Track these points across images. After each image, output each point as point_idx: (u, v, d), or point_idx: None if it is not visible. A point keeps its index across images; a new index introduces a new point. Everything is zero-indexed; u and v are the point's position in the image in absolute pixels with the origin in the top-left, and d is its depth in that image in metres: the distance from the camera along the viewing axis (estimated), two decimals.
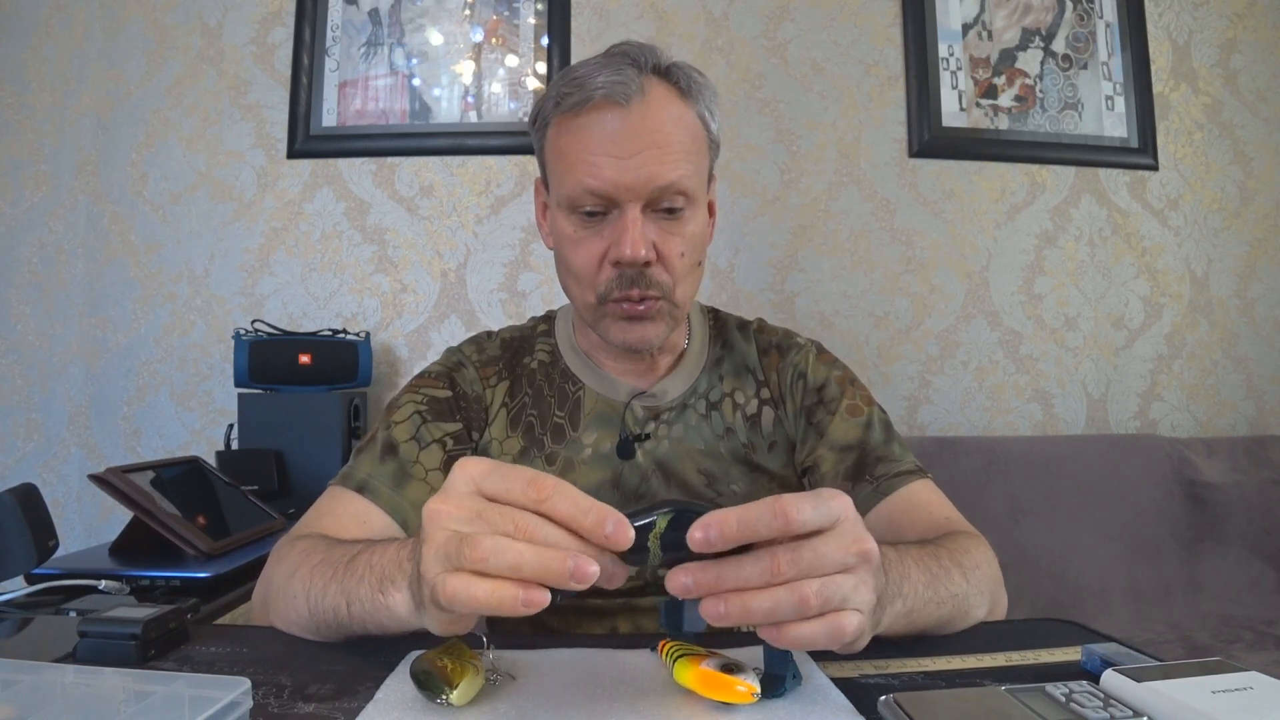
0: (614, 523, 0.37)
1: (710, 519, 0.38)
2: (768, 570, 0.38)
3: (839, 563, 0.39)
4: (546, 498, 0.37)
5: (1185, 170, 1.85)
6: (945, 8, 1.81)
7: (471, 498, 0.39)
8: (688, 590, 0.38)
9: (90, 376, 1.75)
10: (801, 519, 0.38)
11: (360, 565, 0.49)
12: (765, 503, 0.39)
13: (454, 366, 0.80)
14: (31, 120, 1.77)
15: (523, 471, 0.38)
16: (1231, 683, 0.40)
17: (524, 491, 0.38)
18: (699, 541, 0.38)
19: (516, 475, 0.38)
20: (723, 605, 0.38)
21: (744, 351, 0.83)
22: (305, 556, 0.56)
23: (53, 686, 0.39)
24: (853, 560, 0.40)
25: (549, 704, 0.43)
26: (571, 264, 0.72)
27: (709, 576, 0.38)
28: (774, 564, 0.38)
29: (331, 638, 0.54)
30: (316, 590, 0.52)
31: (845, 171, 1.80)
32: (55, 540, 0.85)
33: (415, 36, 1.79)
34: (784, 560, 0.38)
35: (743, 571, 0.38)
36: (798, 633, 0.39)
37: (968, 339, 1.79)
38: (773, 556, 0.38)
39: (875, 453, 0.75)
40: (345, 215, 1.77)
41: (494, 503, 0.38)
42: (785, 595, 0.38)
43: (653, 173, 0.66)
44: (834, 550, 0.39)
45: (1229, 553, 1.57)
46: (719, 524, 0.38)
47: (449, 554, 0.37)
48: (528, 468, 0.39)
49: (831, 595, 0.39)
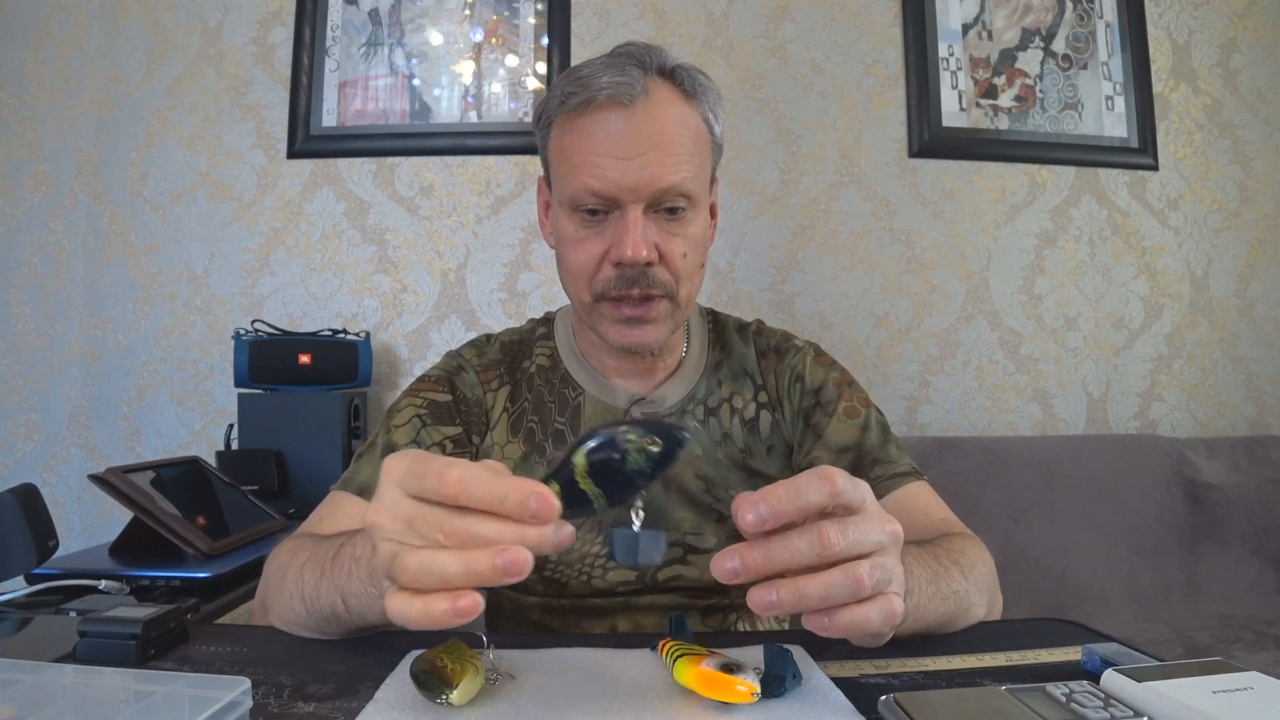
0: (535, 498, 0.35)
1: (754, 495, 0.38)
2: (817, 542, 0.37)
3: (877, 541, 0.39)
4: (458, 492, 0.36)
5: (1185, 170, 1.85)
6: (945, 8, 1.81)
7: (400, 503, 0.38)
8: (735, 574, 0.38)
9: (90, 376, 1.75)
10: (843, 489, 0.38)
11: (345, 559, 0.49)
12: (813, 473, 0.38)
13: (454, 370, 0.79)
14: (31, 120, 1.77)
15: (433, 467, 0.37)
16: (1232, 683, 0.40)
17: (438, 490, 0.36)
18: (751, 523, 0.37)
19: (429, 472, 0.37)
20: (774, 593, 0.37)
21: (743, 354, 0.83)
22: (293, 555, 0.57)
23: (53, 686, 0.39)
24: (888, 540, 0.40)
25: (549, 704, 0.43)
26: (572, 263, 0.72)
27: (757, 555, 0.38)
28: (822, 536, 0.37)
29: (331, 634, 0.54)
30: (309, 588, 0.52)
31: (845, 171, 1.80)
32: (55, 540, 0.85)
33: (415, 36, 1.79)
34: (832, 532, 0.37)
35: (791, 545, 0.37)
36: (854, 615, 0.38)
37: (968, 339, 1.79)
38: (820, 530, 0.38)
39: (872, 454, 0.75)
40: (345, 215, 1.77)
41: (423, 504, 0.37)
42: (840, 578, 0.37)
43: (655, 174, 0.66)
44: (872, 527, 0.39)
45: (1229, 553, 1.57)
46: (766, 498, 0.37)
47: (388, 571, 0.37)
48: (439, 458, 0.38)
49: (880, 575, 0.39)
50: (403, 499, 0.38)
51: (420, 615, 0.36)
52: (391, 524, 0.37)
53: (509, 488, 0.36)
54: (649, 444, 0.38)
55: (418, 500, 0.37)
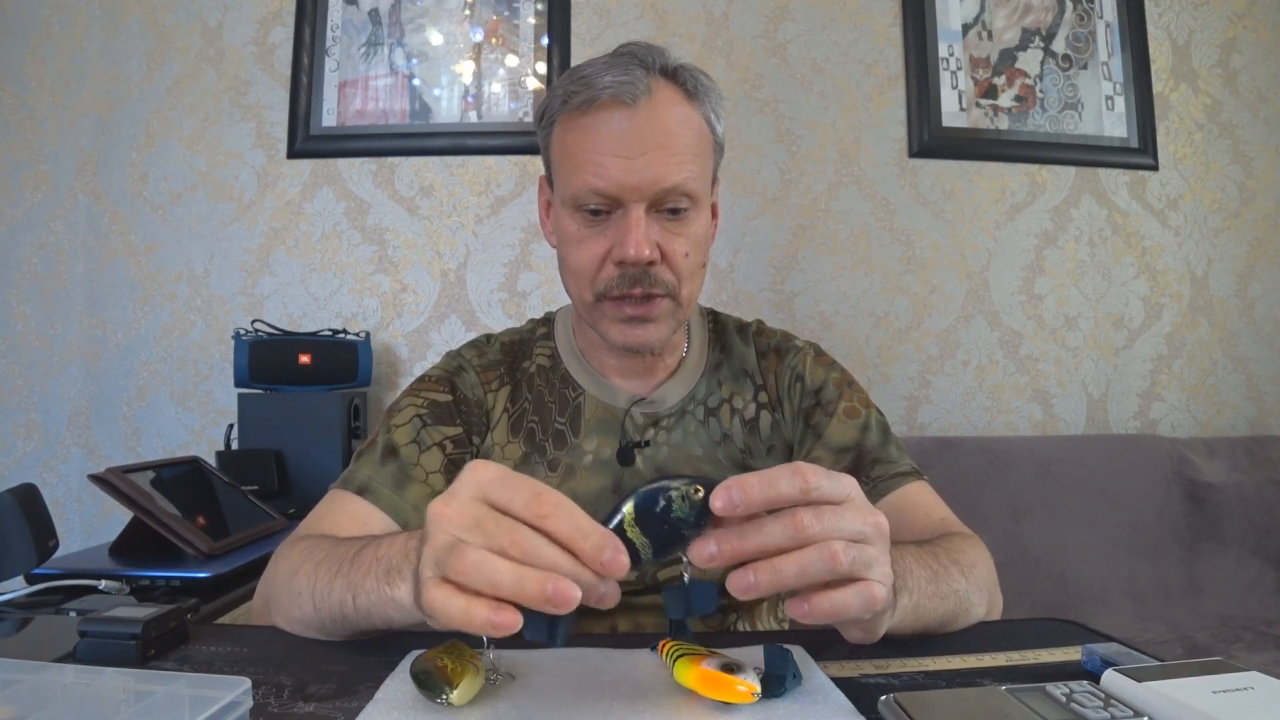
0: (612, 550, 0.36)
1: (731, 481, 0.39)
2: (791, 527, 0.38)
3: (857, 530, 0.40)
4: (547, 514, 0.37)
5: (1185, 170, 1.85)
6: (945, 8, 1.81)
7: (475, 504, 0.38)
8: (712, 557, 0.39)
9: (90, 376, 1.75)
10: (817, 482, 0.39)
11: (366, 558, 0.50)
12: (786, 467, 0.40)
13: (454, 371, 0.79)
14: (31, 120, 1.77)
15: (529, 484, 0.38)
16: (1232, 683, 0.40)
17: (527, 505, 0.37)
18: (722, 505, 0.38)
19: (523, 486, 0.38)
20: (751, 575, 0.38)
21: (743, 355, 0.83)
22: (308, 554, 0.56)
23: (53, 686, 0.39)
24: (870, 531, 0.41)
25: (549, 704, 0.43)
26: (574, 262, 0.72)
27: (732, 539, 0.39)
28: (796, 520, 0.38)
29: (336, 634, 0.54)
30: (322, 585, 0.52)
31: (845, 171, 1.80)
32: (55, 540, 0.85)
33: (415, 36, 1.79)
34: (806, 516, 0.39)
35: (765, 529, 0.39)
36: (832, 601, 0.39)
37: (968, 339, 1.79)
38: (794, 514, 0.39)
39: (872, 454, 0.75)
40: (345, 215, 1.77)
41: (497, 512, 0.38)
42: (815, 554, 0.38)
43: (658, 174, 0.66)
44: (851, 517, 0.40)
45: (1229, 553, 1.57)
46: (740, 484, 0.38)
47: (439, 560, 0.38)
48: (535, 480, 0.39)
49: (858, 557, 0.39)
50: (478, 502, 0.38)
51: (460, 614, 0.36)
52: (460, 519, 0.38)
53: (594, 529, 0.37)
54: (693, 491, 0.39)
55: (493, 508, 0.38)
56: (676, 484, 0.39)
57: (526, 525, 0.37)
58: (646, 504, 0.39)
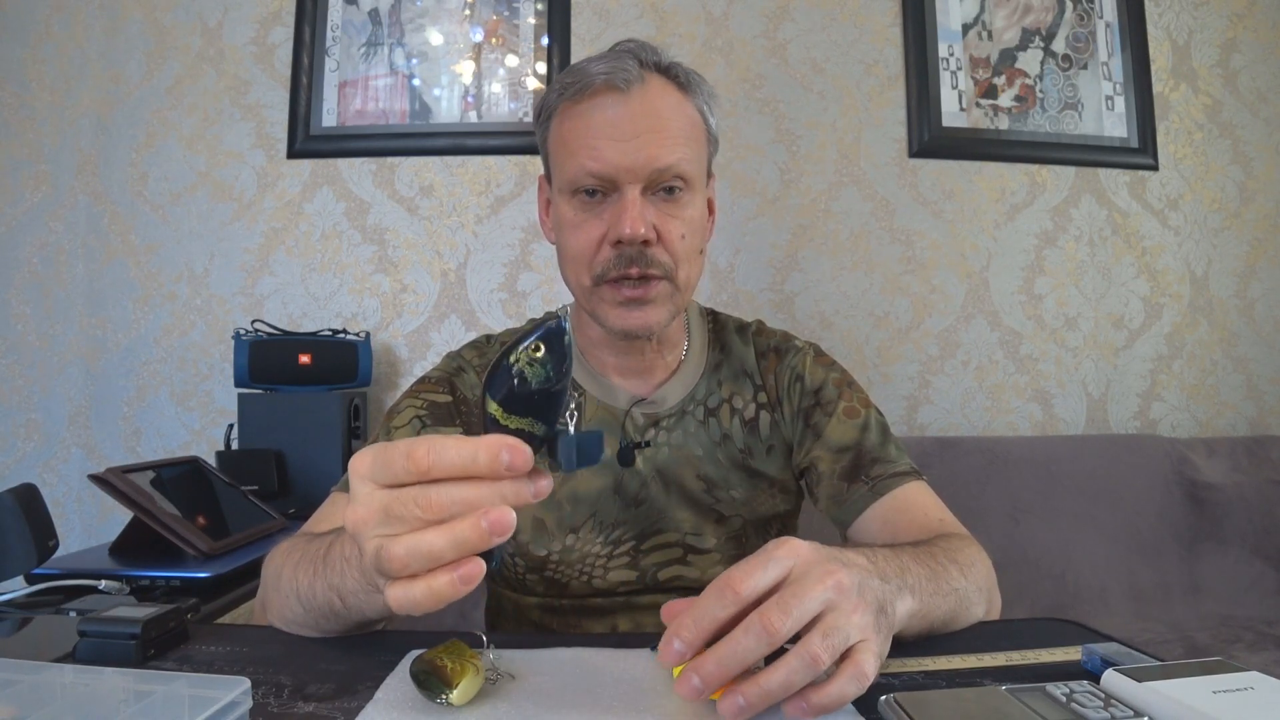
0: (507, 450, 0.35)
1: (669, 634, 0.38)
2: (763, 634, 0.37)
3: (821, 600, 0.39)
4: (430, 465, 0.36)
5: (1185, 170, 1.85)
6: (945, 8, 1.81)
7: (372, 496, 0.37)
8: (699, 692, 0.38)
9: (90, 376, 1.75)
10: (752, 584, 0.39)
11: (335, 558, 0.49)
12: (713, 588, 0.39)
13: (454, 371, 0.80)
14: (31, 120, 1.77)
15: (398, 449, 0.37)
16: (1232, 683, 0.40)
17: (408, 470, 0.36)
18: (673, 659, 0.38)
19: (395, 456, 0.37)
20: (740, 699, 0.37)
21: (742, 355, 0.83)
22: (288, 555, 0.57)
23: (53, 686, 0.39)
24: (831, 594, 0.39)
25: (549, 704, 0.43)
26: (571, 247, 0.72)
27: (711, 667, 0.38)
28: (766, 625, 0.37)
29: (335, 631, 0.54)
30: (304, 587, 0.52)
31: (845, 171, 1.80)
32: (55, 540, 0.85)
33: (415, 36, 1.79)
34: (774, 616, 0.37)
35: (739, 648, 0.37)
36: (829, 696, 0.38)
37: (968, 339, 1.79)
38: (762, 615, 0.38)
39: (871, 454, 0.75)
40: (345, 215, 1.77)
41: (394, 489, 0.37)
42: (797, 664, 0.37)
43: (652, 155, 0.67)
44: (811, 590, 0.39)
45: (1229, 553, 1.57)
46: (677, 633, 0.38)
47: (378, 569, 0.37)
48: (401, 441, 0.37)
49: (835, 640, 0.38)
50: (375, 491, 0.37)
51: (425, 596, 0.36)
52: (369, 517, 0.37)
53: (478, 446, 0.35)
54: (533, 351, 0.37)
55: (390, 488, 0.37)
56: (516, 356, 0.37)
57: (424, 484, 0.36)
58: (504, 392, 0.37)
